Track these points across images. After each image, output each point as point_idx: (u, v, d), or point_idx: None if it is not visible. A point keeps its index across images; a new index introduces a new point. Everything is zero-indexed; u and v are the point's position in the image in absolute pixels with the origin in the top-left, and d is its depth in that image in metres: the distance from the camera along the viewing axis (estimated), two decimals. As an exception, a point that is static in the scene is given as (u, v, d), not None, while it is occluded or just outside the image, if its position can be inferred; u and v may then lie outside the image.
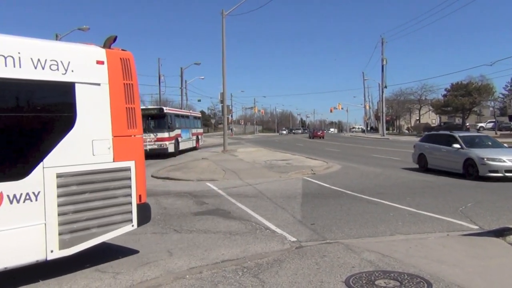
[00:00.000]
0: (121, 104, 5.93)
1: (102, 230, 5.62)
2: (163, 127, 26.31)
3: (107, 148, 5.74)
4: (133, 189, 5.94)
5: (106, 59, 5.87)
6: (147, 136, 25.38)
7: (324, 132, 78.82)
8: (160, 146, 25.87)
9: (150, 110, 28.16)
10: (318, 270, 5.54)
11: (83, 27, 35.47)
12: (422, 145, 17.80)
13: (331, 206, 10.10)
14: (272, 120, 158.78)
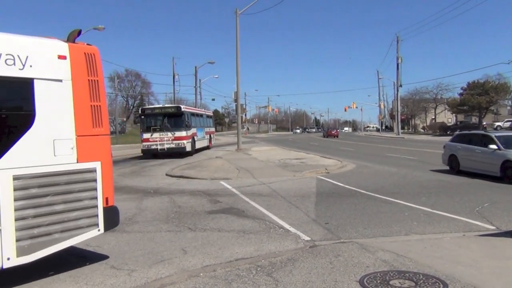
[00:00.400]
0: (85, 101, 5.59)
1: (66, 235, 5.29)
2: (180, 125, 25.98)
3: (70, 148, 5.41)
4: (99, 192, 5.63)
5: (68, 54, 5.50)
6: (165, 135, 25.38)
7: (338, 131, 78.59)
8: (177, 145, 25.50)
9: (168, 109, 27.86)
10: (332, 269, 5.52)
11: (99, 27, 35.81)
12: (453, 146, 16.49)
13: (345, 205, 10.05)
14: (286, 119, 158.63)
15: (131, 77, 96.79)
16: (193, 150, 27.50)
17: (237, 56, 30.18)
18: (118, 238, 7.43)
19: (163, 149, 25.38)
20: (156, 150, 25.48)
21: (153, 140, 25.42)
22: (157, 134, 25.53)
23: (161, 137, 25.41)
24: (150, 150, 25.63)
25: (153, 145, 25.43)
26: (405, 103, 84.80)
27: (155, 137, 25.48)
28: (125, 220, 8.91)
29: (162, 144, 25.32)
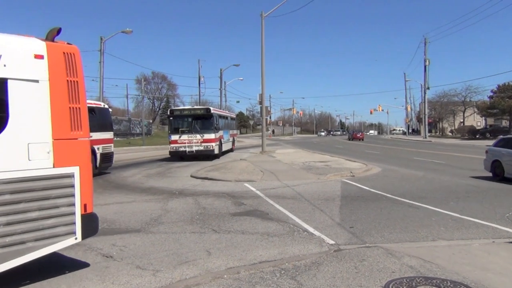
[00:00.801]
0: (63, 103, 5.29)
1: (41, 243, 5.03)
2: (209, 128, 25.56)
3: (46, 152, 5.12)
4: (77, 198, 5.36)
5: (46, 53, 5.20)
6: (193, 137, 25.06)
7: (363, 134, 77.80)
8: (206, 148, 25.17)
9: (197, 110, 27.36)
10: (357, 274, 5.46)
11: (127, 30, 36.48)
12: (498, 151, 15.34)
13: (370, 209, 9.93)
14: (311, 122, 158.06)
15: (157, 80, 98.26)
16: (220, 152, 27.27)
17: (262, 59, 30.24)
18: (144, 239, 7.52)
19: (191, 152, 25.06)
20: (185, 152, 25.12)
21: (182, 142, 25.13)
22: (186, 136, 25.19)
23: (190, 139, 25.11)
24: (178, 152, 25.30)
25: (181, 147, 25.11)
26: (432, 106, 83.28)
27: (184, 139, 25.16)
28: (151, 221, 9.02)
29: (191, 146, 25.05)
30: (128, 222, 8.92)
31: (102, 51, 37.47)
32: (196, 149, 25.01)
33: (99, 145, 17.91)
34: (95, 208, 10.64)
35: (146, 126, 67.70)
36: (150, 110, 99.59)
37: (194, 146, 24.97)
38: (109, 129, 19.32)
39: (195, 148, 24.97)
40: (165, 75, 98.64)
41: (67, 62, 5.39)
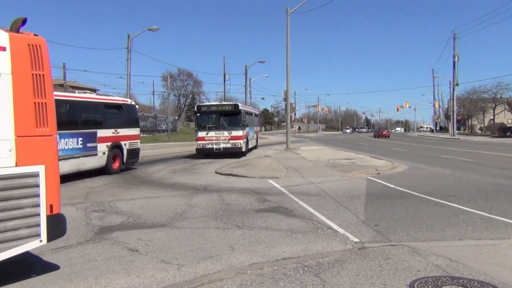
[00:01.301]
0: (28, 98, 5.02)
1: (2, 246, 4.80)
2: (237, 124, 24.94)
3: (8, 150, 4.84)
4: (42, 199, 5.09)
5: (8, 45, 4.90)
6: (221, 134, 24.52)
7: (389, 131, 76.84)
8: (234, 145, 24.54)
9: (225, 106, 26.35)
10: (381, 272, 5.40)
11: (153, 28, 36.91)
12: None
13: (396, 207, 9.81)
14: (336, 119, 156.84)
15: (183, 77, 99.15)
16: (246, 150, 26.72)
17: (287, 55, 30.14)
18: (169, 234, 7.62)
19: (219, 149, 24.52)
20: (212, 149, 24.61)
21: (209, 139, 24.55)
22: (213, 132, 24.61)
23: (217, 136, 24.53)
24: (205, 149, 24.78)
25: (208, 144, 24.55)
26: (461, 103, 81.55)
27: (211, 136, 24.56)
28: (176, 216, 9.13)
29: (218, 143, 24.49)
30: (154, 217, 9.05)
31: (129, 48, 38.02)
32: (224, 146, 24.49)
33: (126, 141, 18.21)
34: (121, 203, 10.94)
35: (172, 123, 68.47)
36: (176, 107, 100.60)
37: (222, 143, 24.43)
38: (136, 126, 19.61)
39: (222, 145, 24.45)
40: (190, 72, 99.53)
41: (32, 54, 5.10)
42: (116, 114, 18.24)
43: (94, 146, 16.13)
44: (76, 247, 6.85)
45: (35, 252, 6.53)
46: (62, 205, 10.52)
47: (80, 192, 12.64)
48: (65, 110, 15.56)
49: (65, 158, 14.40)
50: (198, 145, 24.88)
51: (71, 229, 7.99)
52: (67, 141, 14.52)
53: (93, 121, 16.68)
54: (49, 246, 6.82)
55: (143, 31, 37.94)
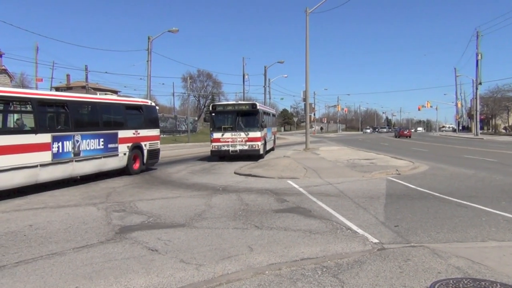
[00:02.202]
0: None
1: None
2: (255, 125, 23.44)
3: None
4: None
5: None
6: (237, 135, 23.05)
7: (410, 131, 75.84)
8: (251, 147, 23.01)
9: (241, 106, 24.48)
10: (401, 273, 5.34)
11: (173, 29, 37.23)
12: None
13: (416, 208, 9.68)
14: (356, 119, 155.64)
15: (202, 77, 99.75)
16: (264, 152, 25.18)
17: (307, 55, 30.05)
18: (188, 234, 7.67)
19: (235, 151, 23.04)
20: (228, 151, 23.08)
21: (225, 141, 23.08)
22: (229, 134, 23.11)
23: (234, 138, 23.05)
24: (220, 151, 23.25)
25: (224, 146, 23.08)
26: (485, 102, 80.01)
27: (227, 137, 23.08)
28: (195, 216, 9.19)
29: (234, 145, 23.02)
30: (173, 217, 9.13)
31: (149, 50, 38.41)
32: (240, 149, 23.03)
33: (146, 142, 18.39)
34: (142, 203, 11.08)
35: (192, 124, 68.93)
36: (196, 108, 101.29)
37: (238, 145, 23.00)
38: (156, 126, 19.79)
39: (239, 148, 23.01)
40: (210, 73, 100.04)
41: None
42: (136, 115, 18.45)
43: (115, 147, 16.34)
44: (97, 246, 6.95)
45: (57, 250, 6.66)
46: (84, 205, 10.76)
47: (101, 192, 12.82)
48: (87, 111, 15.82)
49: (87, 158, 14.63)
50: (213, 147, 23.43)
51: (92, 229, 8.13)
52: (89, 142, 14.74)
53: (114, 122, 16.91)
54: (71, 245, 6.95)
55: (163, 33, 38.29)
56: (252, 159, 23.16)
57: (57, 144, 13.25)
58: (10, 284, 5.25)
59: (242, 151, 23.06)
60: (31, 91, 15.44)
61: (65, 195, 12.32)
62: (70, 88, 70.93)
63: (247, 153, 23.17)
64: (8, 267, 5.90)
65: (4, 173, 11.25)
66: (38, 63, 53.14)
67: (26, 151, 12.06)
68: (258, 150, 23.37)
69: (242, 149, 23.05)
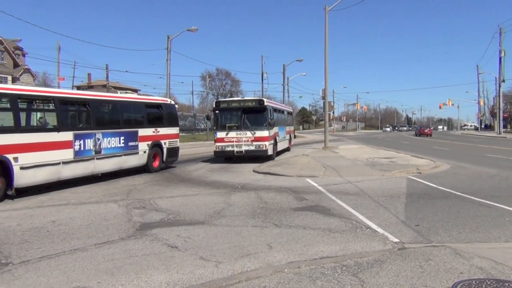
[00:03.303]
0: None
1: None
2: (262, 123, 21.48)
3: None
4: None
5: None
6: (243, 135, 21.08)
7: (431, 129, 74.75)
8: (258, 148, 21.04)
9: (247, 102, 22.31)
10: (422, 273, 5.27)
11: (192, 28, 37.44)
12: None
13: (437, 208, 9.54)
14: (375, 117, 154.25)
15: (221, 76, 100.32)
16: (274, 153, 23.05)
17: (326, 53, 29.91)
18: (207, 231, 7.71)
19: (240, 152, 21.06)
20: (232, 152, 21.11)
21: (229, 141, 21.13)
22: (234, 133, 21.13)
23: (239, 137, 21.09)
24: (224, 152, 21.31)
25: (228, 147, 21.11)
26: (508, 100, 78.40)
27: (231, 136, 21.11)
28: (214, 213, 9.23)
29: (239, 145, 21.06)
30: (192, 214, 9.19)
31: (169, 49, 38.74)
32: (246, 149, 21.02)
33: (166, 140, 18.55)
34: (161, 200, 11.19)
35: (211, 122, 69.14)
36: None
37: (244, 145, 21.00)
38: (175, 125, 19.93)
39: (244, 148, 21.00)
40: (229, 71, 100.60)
41: None
42: (156, 114, 18.62)
43: (136, 145, 16.52)
44: (118, 242, 7.04)
45: (79, 246, 6.77)
46: (105, 202, 10.91)
47: (122, 190, 12.98)
48: (108, 110, 16.03)
49: (108, 156, 14.83)
50: (216, 147, 21.45)
51: (113, 225, 8.24)
52: (110, 140, 14.94)
53: (134, 120, 17.10)
54: (93, 241, 7.06)
55: (183, 32, 38.55)
56: (260, 160, 21.30)
57: (79, 142, 13.46)
58: (34, 278, 5.36)
59: (248, 152, 21.14)
60: (54, 90, 15.71)
61: (86, 192, 12.52)
62: (91, 87, 71.96)
63: (254, 154, 21.26)
64: (32, 262, 6.03)
65: (27, 170, 11.49)
66: (60, 62, 54.04)
67: (49, 149, 12.29)
68: (266, 151, 21.33)
69: (248, 150, 21.11)
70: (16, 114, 11.59)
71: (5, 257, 6.30)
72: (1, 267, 5.84)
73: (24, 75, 59.55)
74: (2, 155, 10.85)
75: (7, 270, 5.69)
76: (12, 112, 11.55)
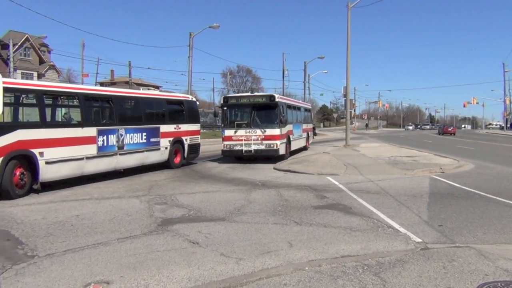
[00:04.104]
0: None
1: None
2: (273, 121, 20.00)
3: None
4: None
5: None
6: (252, 133, 19.58)
7: (455, 128, 73.51)
8: (268, 147, 19.49)
9: (257, 98, 20.79)
10: (446, 274, 5.19)
11: (214, 25, 37.57)
12: None
13: (461, 208, 9.37)
14: (398, 115, 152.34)
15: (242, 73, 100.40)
16: (287, 153, 21.63)
17: (348, 50, 29.62)
18: (228, 228, 7.74)
19: (249, 151, 19.60)
20: (241, 151, 19.68)
21: (237, 139, 19.69)
22: (243, 131, 19.68)
23: (248, 135, 19.61)
24: (232, 151, 19.95)
25: (236, 145, 19.68)
26: (535, 99, 76.37)
27: (240, 135, 19.67)
28: (234, 210, 9.26)
29: (248, 144, 19.56)
30: (213, 211, 9.24)
31: (191, 46, 38.93)
32: (256, 148, 19.50)
33: (187, 136, 18.68)
34: (182, 196, 11.27)
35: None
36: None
37: (253, 144, 19.49)
38: (196, 121, 20.04)
39: (254, 147, 19.48)
40: (250, 68, 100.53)
41: None
42: (178, 110, 18.76)
43: (157, 141, 16.68)
44: (140, 237, 7.12)
45: (102, 240, 6.88)
46: (127, 197, 11.04)
47: (144, 185, 13.13)
48: (130, 106, 16.22)
49: (131, 152, 15.02)
50: (224, 146, 20.11)
51: (135, 220, 8.34)
52: (132, 136, 15.12)
53: (156, 116, 17.27)
54: (116, 236, 7.16)
55: (204, 29, 38.69)
56: (271, 161, 19.97)
57: (102, 137, 13.66)
58: (59, 271, 5.47)
59: (258, 152, 19.62)
60: (78, 86, 15.98)
61: (109, 187, 12.70)
62: (114, 83, 72.90)
63: (264, 153, 19.75)
64: (57, 255, 6.15)
65: (52, 165, 11.72)
66: (84, 59, 54.93)
67: (73, 144, 12.51)
68: (277, 150, 19.76)
69: (257, 149, 19.58)
70: (42, 109, 11.83)
71: (31, 249, 6.44)
72: (28, 259, 5.98)
73: (49, 72, 60.72)
74: (28, 149, 11.09)
75: (33, 263, 5.82)
76: (38, 107, 11.79)
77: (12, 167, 10.69)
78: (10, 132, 10.68)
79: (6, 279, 5.16)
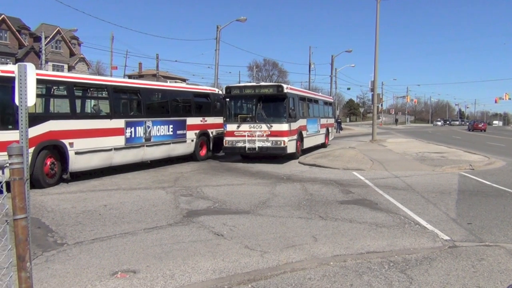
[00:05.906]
0: None
1: None
2: (281, 114, 17.55)
3: None
4: None
5: None
6: (257, 128, 17.27)
7: (486, 124, 71.63)
8: (274, 144, 17.02)
9: (263, 89, 18.08)
10: (475, 273, 5.08)
11: (241, 18, 37.51)
12: None
13: (491, 206, 9.15)
14: (426, 110, 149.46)
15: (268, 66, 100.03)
16: (298, 151, 18.98)
17: (376, 44, 29.23)
18: (252, 221, 7.76)
19: (252, 149, 17.20)
20: (244, 149, 17.35)
21: (240, 135, 17.33)
22: (247, 125, 17.37)
23: (252, 131, 17.26)
24: (234, 148, 17.59)
25: (239, 142, 17.30)
26: None
27: (243, 130, 17.32)
28: (259, 203, 9.28)
29: (252, 141, 17.16)
30: (238, 204, 9.27)
31: (218, 39, 38.99)
32: (260, 146, 17.07)
33: (213, 129, 18.78)
34: (207, 188, 11.36)
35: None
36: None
37: (258, 140, 17.10)
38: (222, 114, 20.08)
39: (258, 144, 17.07)
40: (276, 62, 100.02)
41: None
42: (204, 103, 18.86)
43: (184, 134, 16.83)
44: (166, 228, 7.21)
45: (129, 230, 7.00)
46: (154, 188, 11.18)
47: (170, 177, 13.29)
48: (157, 98, 16.40)
49: (157, 144, 15.21)
50: (225, 142, 17.71)
51: (161, 211, 8.45)
52: (159, 128, 15.29)
53: (183, 109, 17.40)
54: (142, 226, 7.27)
55: (232, 22, 38.69)
56: (278, 159, 18.36)
57: (130, 129, 13.87)
58: (87, 259, 5.60)
59: (263, 149, 17.19)
60: (107, 78, 16.24)
61: (136, 178, 12.90)
62: (141, 76, 73.85)
63: (269, 151, 17.35)
64: (85, 244, 6.29)
65: (82, 155, 11.98)
66: (113, 51, 55.73)
67: (102, 135, 12.74)
68: (285, 148, 17.19)
69: (262, 147, 17.13)
70: (72, 101, 12.09)
71: (61, 237, 6.61)
72: (57, 247, 6.14)
73: (79, 64, 61.93)
74: (59, 140, 11.36)
75: (62, 250, 5.98)
76: (68, 99, 12.05)
77: (43, 157, 10.97)
78: (42, 122, 10.95)
79: (37, 265, 5.30)
